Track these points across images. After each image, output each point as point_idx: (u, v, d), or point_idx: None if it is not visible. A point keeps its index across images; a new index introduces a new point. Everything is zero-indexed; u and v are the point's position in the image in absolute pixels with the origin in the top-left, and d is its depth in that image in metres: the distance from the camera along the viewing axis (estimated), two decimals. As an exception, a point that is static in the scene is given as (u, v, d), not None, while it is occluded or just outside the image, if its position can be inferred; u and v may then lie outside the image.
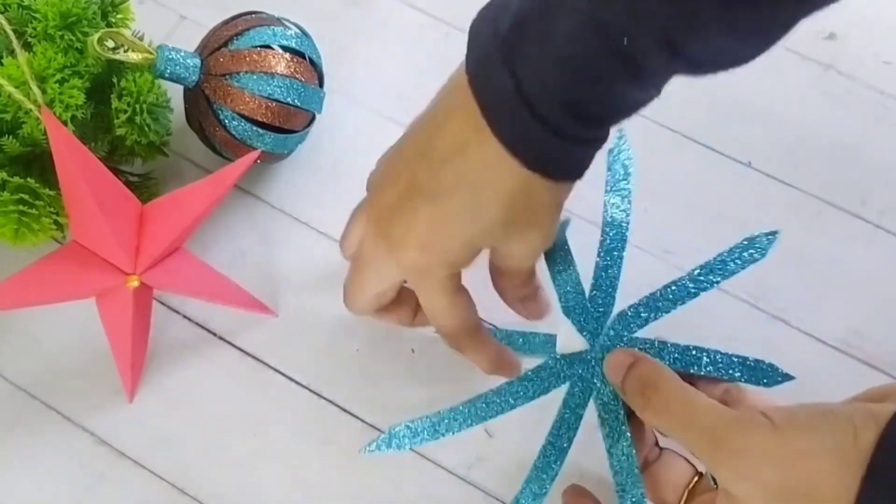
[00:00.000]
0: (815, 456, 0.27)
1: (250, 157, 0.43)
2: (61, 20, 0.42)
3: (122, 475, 0.44)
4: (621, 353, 0.35)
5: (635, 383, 0.33)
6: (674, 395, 0.31)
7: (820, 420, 0.28)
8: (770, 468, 0.28)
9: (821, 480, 0.27)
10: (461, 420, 0.38)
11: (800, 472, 0.27)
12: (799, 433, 0.28)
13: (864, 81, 0.53)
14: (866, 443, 0.27)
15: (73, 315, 0.47)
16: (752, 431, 0.29)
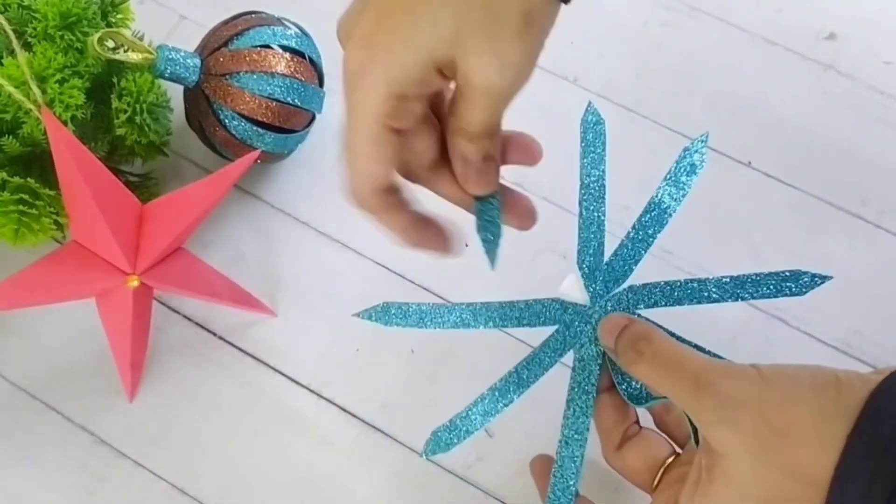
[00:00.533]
0: (795, 405, 0.27)
1: (250, 157, 0.43)
2: (61, 20, 0.42)
3: (122, 475, 0.44)
4: (618, 316, 0.35)
5: (629, 338, 0.33)
6: (665, 346, 0.31)
7: (805, 372, 0.28)
8: (750, 414, 0.28)
9: (800, 431, 0.27)
10: (445, 319, 0.37)
11: (779, 419, 0.27)
12: (783, 383, 0.28)
13: (864, 81, 0.54)
14: (850, 398, 0.27)
15: (73, 315, 0.47)
16: (737, 377, 0.29)
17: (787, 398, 0.28)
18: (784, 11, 0.55)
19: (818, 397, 0.27)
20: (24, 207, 0.41)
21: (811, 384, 0.28)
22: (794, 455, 0.27)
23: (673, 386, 0.30)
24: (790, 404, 0.27)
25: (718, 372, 0.29)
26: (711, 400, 0.29)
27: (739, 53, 0.54)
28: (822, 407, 0.27)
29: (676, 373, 0.30)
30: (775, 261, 0.49)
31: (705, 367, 0.30)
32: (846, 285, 0.48)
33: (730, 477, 0.29)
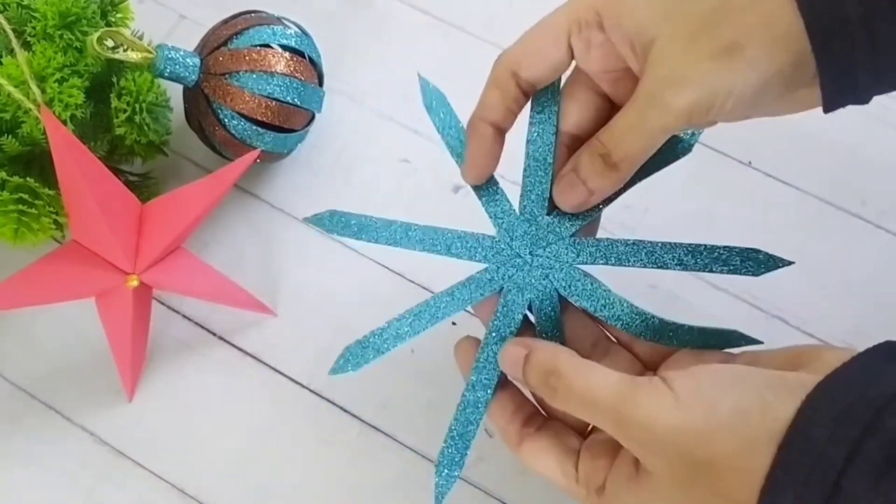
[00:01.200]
0: (715, 436, 0.26)
1: (250, 157, 0.43)
2: (60, 19, 0.42)
3: (122, 475, 0.44)
4: (512, 346, 0.32)
5: (536, 373, 0.31)
6: (575, 377, 0.29)
7: (727, 394, 0.27)
8: (672, 449, 0.27)
9: (722, 462, 0.26)
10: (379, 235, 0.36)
11: (701, 453, 0.26)
12: (701, 411, 0.26)
13: (865, 81, 0.53)
14: (777, 419, 0.25)
15: (73, 315, 0.47)
16: (653, 407, 0.27)
17: (706, 429, 0.26)
18: (784, 11, 0.55)
19: (739, 426, 0.26)
20: (23, 207, 0.41)
21: (731, 412, 0.26)
22: (723, 483, 0.26)
23: (594, 421, 0.29)
24: (710, 436, 0.26)
25: (632, 402, 0.28)
26: (633, 431, 0.28)
27: (739, 53, 0.54)
28: (743, 436, 0.26)
29: (593, 410, 0.29)
30: (775, 261, 0.49)
31: (616, 397, 0.28)
32: (846, 285, 0.48)
33: (659, 493, 0.28)
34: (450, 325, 0.47)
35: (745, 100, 0.29)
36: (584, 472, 0.31)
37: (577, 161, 0.33)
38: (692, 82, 0.28)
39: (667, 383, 0.28)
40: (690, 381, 0.27)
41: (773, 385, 0.26)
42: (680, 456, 0.27)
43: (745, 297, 0.48)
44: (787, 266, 0.34)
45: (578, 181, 0.32)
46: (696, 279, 0.48)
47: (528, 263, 0.35)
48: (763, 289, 0.48)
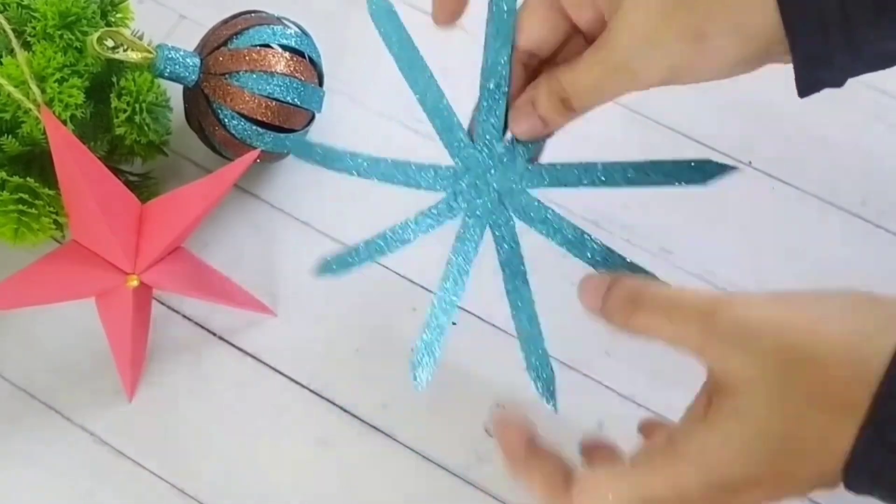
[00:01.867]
0: (824, 323, 0.23)
1: (250, 157, 0.43)
2: (60, 19, 0.42)
3: (122, 475, 0.44)
4: (594, 277, 0.31)
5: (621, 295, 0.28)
6: (661, 292, 0.27)
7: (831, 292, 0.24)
8: (770, 337, 0.23)
9: (831, 351, 0.23)
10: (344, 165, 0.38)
11: (806, 340, 0.23)
12: (806, 302, 0.24)
13: (865, 81, 0.53)
14: (887, 307, 0.23)
15: (73, 315, 0.47)
16: (749, 301, 0.25)
17: (813, 317, 0.23)
18: (784, 11, 0.55)
19: (852, 313, 0.23)
20: (23, 207, 0.41)
21: (841, 301, 0.24)
22: (825, 380, 0.23)
23: (678, 326, 0.26)
24: (817, 322, 0.23)
25: (728, 299, 0.25)
26: (723, 327, 0.24)
27: (739, 53, 0.54)
28: (857, 323, 0.23)
29: (680, 311, 0.26)
30: (775, 261, 0.49)
31: (712, 297, 0.25)
32: (847, 285, 0.48)
33: (745, 413, 0.24)
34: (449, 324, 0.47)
35: (708, 78, 0.30)
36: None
37: (535, 94, 0.33)
38: (661, 59, 0.29)
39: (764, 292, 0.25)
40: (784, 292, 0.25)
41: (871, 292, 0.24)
42: (779, 351, 0.23)
43: (745, 297, 0.48)
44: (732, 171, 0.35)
45: (534, 114, 0.33)
46: (687, 275, 0.48)
47: (485, 191, 0.36)
48: (763, 288, 0.48)
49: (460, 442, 0.45)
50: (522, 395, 0.46)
